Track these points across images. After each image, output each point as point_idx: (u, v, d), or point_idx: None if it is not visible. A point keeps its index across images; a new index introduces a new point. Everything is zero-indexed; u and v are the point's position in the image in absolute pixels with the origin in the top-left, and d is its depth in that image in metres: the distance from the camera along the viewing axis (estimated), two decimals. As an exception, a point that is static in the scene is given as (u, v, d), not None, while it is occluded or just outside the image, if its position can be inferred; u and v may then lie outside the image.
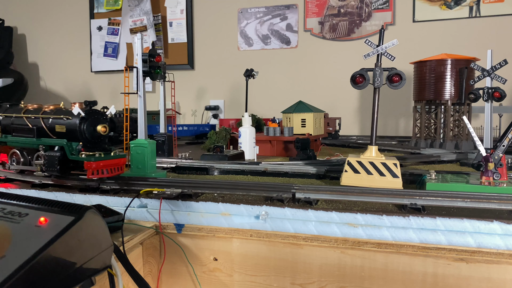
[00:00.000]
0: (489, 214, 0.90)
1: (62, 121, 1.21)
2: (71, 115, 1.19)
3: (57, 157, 1.20)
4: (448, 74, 1.93)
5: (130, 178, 1.22)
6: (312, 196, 1.00)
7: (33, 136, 1.26)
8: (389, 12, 2.65)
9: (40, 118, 1.26)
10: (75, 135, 1.19)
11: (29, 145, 1.28)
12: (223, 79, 3.04)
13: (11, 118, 1.35)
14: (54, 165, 1.20)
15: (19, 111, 1.33)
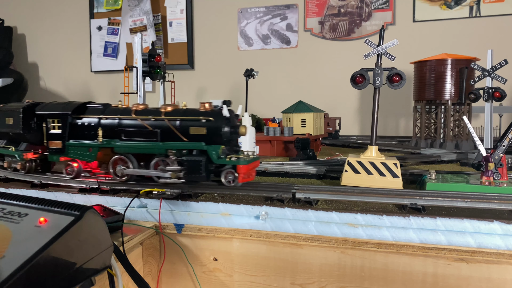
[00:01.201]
0: (489, 214, 0.90)
1: (201, 123, 1.08)
2: (211, 115, 1.08)
3: (202, 162, 1.05)
4: (448, 74, 1.93)
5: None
6: (312, 196, 1.00)
7: (155, 140, 1.11)
8: (389, 12, 2.65)
9: (165, 120, 1.11)
10: (216, 138, 1.07)
11: (148, 150, 1.11)
12: (223, 79, 3.04)
13: (117, 121, 1.16)
14: (199, 170, 1.05)
15: (128, 112, 1.16)
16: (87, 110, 1.21)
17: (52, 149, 1.21)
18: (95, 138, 1.17)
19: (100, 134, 1.16)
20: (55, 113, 1.21)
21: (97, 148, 1.16)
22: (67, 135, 1.20)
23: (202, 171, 1.04)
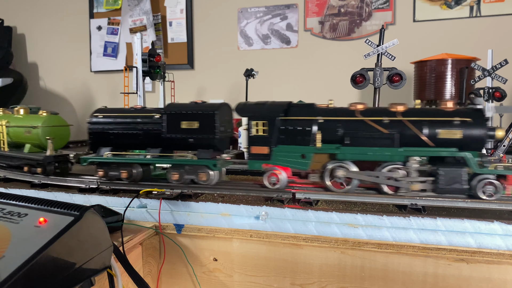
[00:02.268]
0: (489, 214, 0.90)
1: (455, 125, 0.94)
2: (468, 115, 0.93)
3: (463, 172, 0.91)
4: (449, 74, 1.93)
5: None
6: (312, 196, 1.00)
7: (391, 144, 0.97)
8: (390, 11, 2.65)
9: (403, 121, 0.96)
10: (473, 143, 0.93)
11: (384, 156, 0.97)
12: (223, 79, 3.04)
13: (340, 123, 1.01)
14: (461, 182, 0.92)
15: (350, 113, 1.01)
16: (293, 111, 1.06)
17: (255, 155, 1.06)
18: (308, 142, 1.02)
19: (318, 138, 1.01)
20: (260, 115, 1.06)
21: (312, 154, 1.02)
22: (276, 139, 1.04)
23: (464, 182, 0.92)
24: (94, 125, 1.19)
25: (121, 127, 1.15)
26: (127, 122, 1.15)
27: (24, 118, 1.38)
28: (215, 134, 1.08)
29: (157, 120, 1.12)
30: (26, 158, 1.29)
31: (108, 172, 1.14)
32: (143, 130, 1.13)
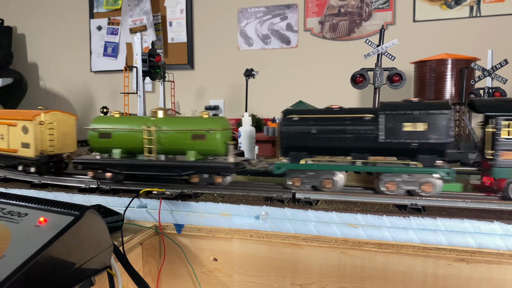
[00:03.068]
0: (489, 214, 0.90)
1: None
2: None
3: None
4: (449, 74, 1.93)
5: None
6: (312, 197, 1.00)
7: None
8: (390, 11, 2.65)
9: None
10: None
11: None
12: (223, 79, 3.04)
13: None
14: None
15: None
16: None
17: (507, 162, 0.91)
18: None
19: None
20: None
21: None
22: None
23: None
24: (289, 127, 1.06)
25: (325, 130, 1.00)
26: (334, 124, 1.00)
27: (183, 121, 1.17)
28: (449, 137, 0.94)
29: (369, 122, 0.97)
30: (206, 167, 1.08)
31: (303, 180, 1.02)
32: (353, 133, 0.98)
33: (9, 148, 1.32)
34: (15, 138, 1.30)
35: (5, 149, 1.33)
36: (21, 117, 1.30)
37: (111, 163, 1.15)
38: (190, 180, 1.10)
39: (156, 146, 1.12)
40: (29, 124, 1.26)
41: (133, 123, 1.16)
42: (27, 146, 1.26)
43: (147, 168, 1.12)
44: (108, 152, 1.19)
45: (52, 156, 1.28)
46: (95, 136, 1.19)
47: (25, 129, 1.27)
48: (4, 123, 1.33)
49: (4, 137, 1.33)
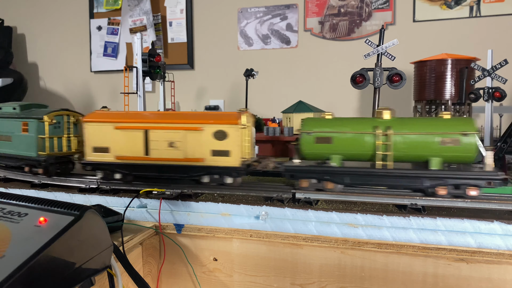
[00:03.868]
0: (489, 214, 0.90)
1: None
2: None
3: None
4: (449, 74, 1.93)
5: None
6: (312, 196, 1.00)
7: None
8: (389, 11, 2.65)
9: None
10: None
11: None
12: (223, 79, 3.04)
13: None
14: None
15: None
16: None
17: None
18: None
19: None
20: None
21: None
22: None
23: None
24: None
25: None
26: None
27: (425, 123, 1.01)
28: None
29: None
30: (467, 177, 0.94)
31: None
32: None
33: (187, 157, 1.09)
34: (201, 145, 1.08)
35: (179, 159, 1.09)
36: (211, 120, 1.08)
37: (332, 171, 1.01)
38: (437, 192, 0.96)
39: (392, 152, 0.98)
40: (230, 128, 1.06)
41: (359, 126, 1.02)
42: (226, 154, 1.06)
43: (380, 178, 0.99)
44: (323, 159, 1.04)
45: (249, 164, 1.11)
46: (310, 140, 1.03)
47: (222, 134, 1.06)
48: (177, 128, 1.09)
49: (177, 145, 1.09)
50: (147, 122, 1.10)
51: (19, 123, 1.26)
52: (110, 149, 1.13)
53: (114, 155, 1.12)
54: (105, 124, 1.13)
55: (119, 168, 1.13)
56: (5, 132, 1.30)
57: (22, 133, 1.25)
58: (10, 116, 1.29)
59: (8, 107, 1.32)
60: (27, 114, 1.26)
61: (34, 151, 1.21)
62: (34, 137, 1.21)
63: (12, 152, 1.29)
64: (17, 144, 1.27)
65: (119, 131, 1.11)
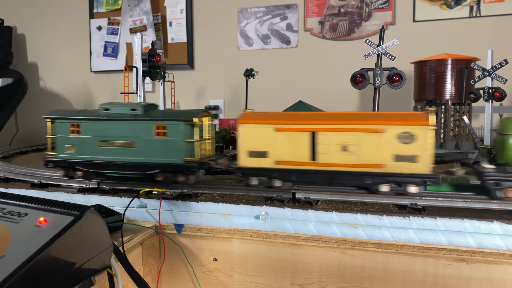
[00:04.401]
0: (489, 214, 0.90)
1: None
2: None
3: None
4: (449, 74, 1.93)
5: (129, 178, 1.22)
6: (312, 196, 1.00)
7: None
8: (389, 11, 2.65)
9: None
10: None
11: None
12: (223, 79, 3.04)
13: None
14: None
15: None
16: None
17: None
18: None
19: None
20: None
21: None
22: None
23: None
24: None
25: None
26: None
27: None
28: None
29: None
30: None
31: None
32: None
33: (362, 163, 0.97)
34: (381, 149, 0.96)
35: (353, 165, 0.98)
36: (396, 120, 0.96)
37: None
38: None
39: None
40: (419, 130, 0.93)
41: None
42: (412, 160, 0.94)
43: None
44: None
45: None
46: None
47: (409, 136, 0.94)
48: (352, 130, 0.97)
49: (351, 149, 0.98)
50: (314, 124, 0.99)
51: (149, 126, 1.07)
52: (269, 153, 1.02)
53: (273, 160, 1.02)
54: (264, 126, 1.02)
55: (278, 174, 1.02)
56: (124, 137, 1.09)
57: (156, 138, 1.07)
58: (130, 118, 1.09)
59: (124, 108, 1.11)
60: (159, 116, 1.08)
61: (180, 157, 1.05)
62: (178, 142, 1.05)
63: (135, 160, 1.09)
64: (145, 150, 1.08)
65: (280, 134, 1.01)
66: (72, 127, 1.14)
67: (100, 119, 1.11)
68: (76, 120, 1.14)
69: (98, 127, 1.12)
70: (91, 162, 1.12)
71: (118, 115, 1.10)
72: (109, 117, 1.11)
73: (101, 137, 1.11)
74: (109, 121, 1.11)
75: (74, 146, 1.14)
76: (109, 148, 1.11)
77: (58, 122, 1.16)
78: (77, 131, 1.14)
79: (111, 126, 1.10)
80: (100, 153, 1.11)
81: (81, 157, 1.13)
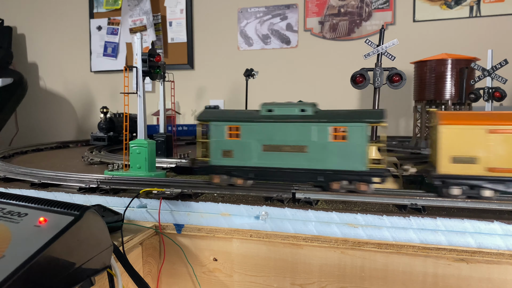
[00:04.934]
0: (489, 214, 0.90)
1: None
2: None
3: None
4: (449, 74, 1.93)
5: (130, 178, 1.22)
6: (312, 196, 1.00)
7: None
8: (389, 11, 2.65)
9: None
10: None
11: None
12: (223, 79, 3.04)
13: None
14: None
15: None
16: None
17: None
18: None
19: None
20: None
21: None
22: None
23: None
24: None
25: None
26: None
27: None
28: None
29: None
30: None
31: None
32: None
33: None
34: None
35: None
36: None
37: None
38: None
39: None
40: None
41: None
42: None
43: None
44: None
45: None
46: None
47: None
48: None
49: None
50: None
51: (325, 129, 0.97)
52: (478, 159, 0.90)
53: (485, 167, 0.90)
54: (474, 127, 0.90)
55: (491, 184, 0.90)
56: (294, 140, 0.99)
57: (332, 141, 0.96)
58: (301, 120, 0.99)
59: (291, 109, 1.00)
60: (336, 117, 0.99)
61: (363, 163, 0.95)
62: (361, 146, 0.94)
63: (307, 166, 0.99)
64: (319, 155, 0.97)
65: (495, 136, 0.88)
66: (230, 130, 1.02)
67: (265, 121, 0.99)
68: (235, 122, 1.02)
69: (261, 130, 1.00)
70: (253, 169, 1.01)
71: (286, 117, 0.99)
72: (275, 119, 0.99)
73: (266, 141, 1.00)
74: (276, 123, 0.99)
75: (232, 151, 1.02)
76: (275, 153, 0.99)
77: (213, 124, 1.03)
78: (236, 135, 1.02)
79: (278, 129, 0.99)
80: (264, 159, 1.00)
81: (240, 163, 1.02)
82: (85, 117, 3.33)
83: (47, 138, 3.33)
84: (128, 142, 1.32)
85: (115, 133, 2.23)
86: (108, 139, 2.20)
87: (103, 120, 2.22)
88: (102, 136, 2.21)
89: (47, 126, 3.44)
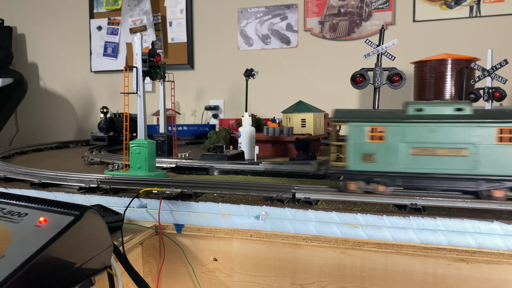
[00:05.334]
0: (489, 214, 0.90)
1: None
2: None
3: None
4: (449, 74, 1.93)
5: (130, 178, 1.22)
6: (312, 196, 1.00)
7: None
8: (389, 11, 2.65)
9: None
10: None
11: None
12: (223, 79, 3.04)
13: None
14: None
15: None
16: None
17: None
18: None
19: None
20: None
21: None
22: None
23: None
24: None
25: None
26: None
27: None
28: None
29: None
30: None
31: None
32: None
33: None
34: None
35: None
36: None
37: None
38: None
39: None
40: None
41: None
42: None
43: None
44: None
45: None
46: None
47: None
48: None
49: None
50: None
51: (490, 130, 0.87)
52: None
53: None
54: None
55: None
56: (451, 143, 0.89)
57: (499, 144, 0.87)
58: (460, 121, 0.89)
59: (445, 108, 0.90)
60: (504, 117, 0.88)
61: None
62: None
63: (467, 172, 0.90)
64: (483, 159, 0.89)
65: None
66: (373, 131, 0.93)
67: (416, 121, 0.90)
68: (379, 123, 0.93)
69: (411, 131, 0.90)
70: (400, 175, 0.93)
71: (441, 117, 0.90)
72: (428, 119, 0.90)
73: (416, 144, 0.90)
74: (429, 124, 0.89)
75: (375, 155, 0.94)
76: (427, 157, 0.90)
77: (352, 125, 0.94)
78: (379, 137, 0.93)
79: (432, 130, 0.89)
80: (414, 164, 0.91)
81: (385, 168, 0.93)
82: (85, 117, 3.33)
83: (47, 138, 3.34)
84: (128, 142, 1.32)
85: (115, 133, 2.23)
86: (108, 139, 2.20)
87: (103, 120, 2.22)
88: (102, 136, 2.21)
89: (47, 126, 3.44)
